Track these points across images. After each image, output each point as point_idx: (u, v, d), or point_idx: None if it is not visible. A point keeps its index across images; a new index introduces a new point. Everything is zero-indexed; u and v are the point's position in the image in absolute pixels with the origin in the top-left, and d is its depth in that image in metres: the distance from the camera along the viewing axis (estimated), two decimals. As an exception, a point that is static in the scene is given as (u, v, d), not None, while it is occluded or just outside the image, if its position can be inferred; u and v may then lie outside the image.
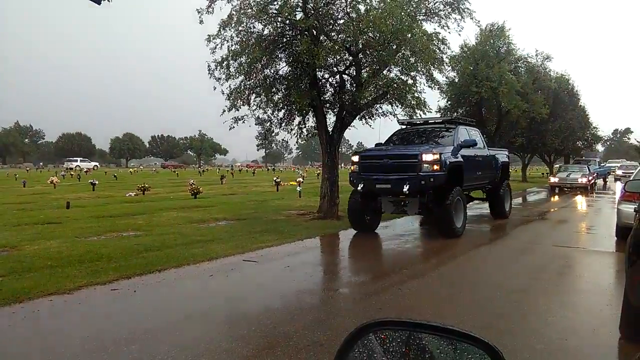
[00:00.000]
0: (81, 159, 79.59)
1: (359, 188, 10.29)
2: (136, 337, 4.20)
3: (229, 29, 11.76)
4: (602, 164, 39.16)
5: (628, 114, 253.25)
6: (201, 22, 11.68)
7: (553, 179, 26.50)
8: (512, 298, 5.57)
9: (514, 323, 4.67)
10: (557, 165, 37.87)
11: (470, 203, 13.69)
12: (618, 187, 24.38)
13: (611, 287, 6.13)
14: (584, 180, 24.82)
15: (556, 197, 22.34)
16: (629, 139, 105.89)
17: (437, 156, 9.67)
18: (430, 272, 7.07)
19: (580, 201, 20.40)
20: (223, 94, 12.28)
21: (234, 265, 7.33)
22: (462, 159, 10.54)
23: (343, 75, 13.36)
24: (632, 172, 15.98)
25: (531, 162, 46.34)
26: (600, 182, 33.76)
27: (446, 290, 6.01)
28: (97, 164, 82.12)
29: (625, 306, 4.12)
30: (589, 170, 26.81)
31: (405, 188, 9.50)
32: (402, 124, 12.99)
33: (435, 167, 9.60)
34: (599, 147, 63.18)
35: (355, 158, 10.83)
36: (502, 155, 13.91)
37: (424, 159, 9.62)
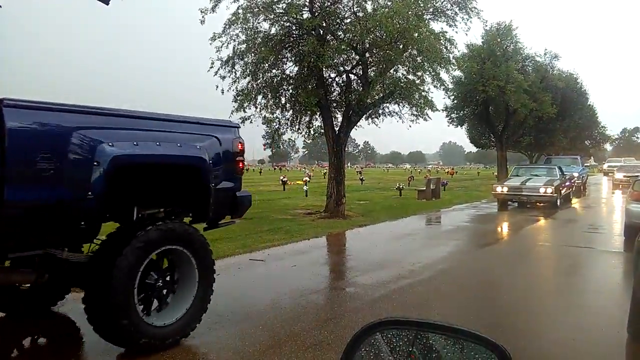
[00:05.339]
0: None
1: None
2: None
3: (235, 28, 11.79)
4: (587, 165, 34.30)
5: (637, 113, 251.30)
6: (202, 22, 11.66)
7: (499, 189, 16.11)
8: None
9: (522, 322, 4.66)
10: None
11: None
12: (617, 195, 21.48)
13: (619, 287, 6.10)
14: (549, 190, 15.30)
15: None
16: (637, 137, 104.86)
17: None
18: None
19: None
20: (223, 93, 12.24)
21: (241, 264, 7.36)
22: None
23: (350, 75, 13.38)
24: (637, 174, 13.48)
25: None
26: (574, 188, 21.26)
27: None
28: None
29: (633, 306, 4.10)
30: (562, 174, 17.42)
31: None
32: None
33: None
34: (607, 146, 62.66)
35: None
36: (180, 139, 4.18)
37: None
